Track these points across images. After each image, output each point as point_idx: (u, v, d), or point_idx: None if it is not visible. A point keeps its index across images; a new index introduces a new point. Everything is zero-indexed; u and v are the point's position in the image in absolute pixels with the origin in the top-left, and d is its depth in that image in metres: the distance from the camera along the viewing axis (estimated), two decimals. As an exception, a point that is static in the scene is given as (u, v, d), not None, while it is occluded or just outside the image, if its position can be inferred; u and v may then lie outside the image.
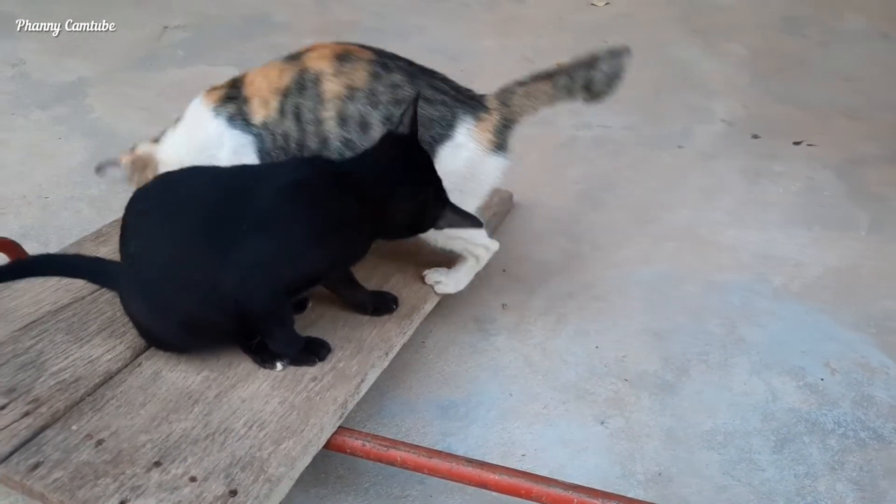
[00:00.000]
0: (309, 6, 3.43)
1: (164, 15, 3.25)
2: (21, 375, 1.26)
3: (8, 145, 2.41)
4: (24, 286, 1.50)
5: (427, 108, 1.38)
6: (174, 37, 3.12)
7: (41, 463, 1.10)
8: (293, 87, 1.36)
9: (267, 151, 1.39)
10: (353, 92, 1.34)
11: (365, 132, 1.34)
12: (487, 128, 1.44)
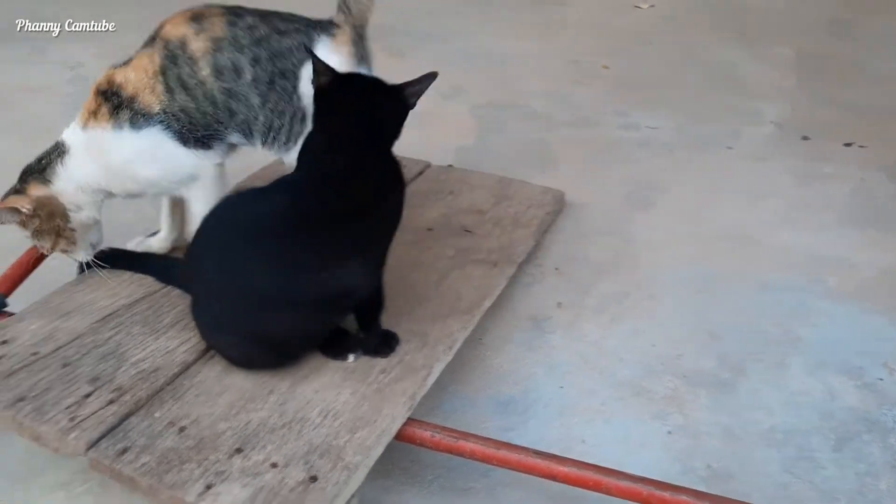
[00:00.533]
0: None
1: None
2: (103, 365, 1.31)
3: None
4: (98, 280, 1.56)
5: (285, 40, 1.45)
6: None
7: (129, 448, 1.14)
8: (167, 63, 1.40)
9: (178, 132, 1.42)
10: (217, 43, 1.40)
11: (240, 77, 1.41)
12: (344, 40, 1.51)
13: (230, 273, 1.23)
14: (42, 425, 1.18)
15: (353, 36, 1.54)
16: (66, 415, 1.20)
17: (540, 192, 2.02)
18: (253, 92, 1.41)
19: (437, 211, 1.90)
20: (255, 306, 1.23)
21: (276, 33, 1.43)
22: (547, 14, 3.48)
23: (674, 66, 2.99)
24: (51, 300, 1.48)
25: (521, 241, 1.79)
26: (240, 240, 1.25)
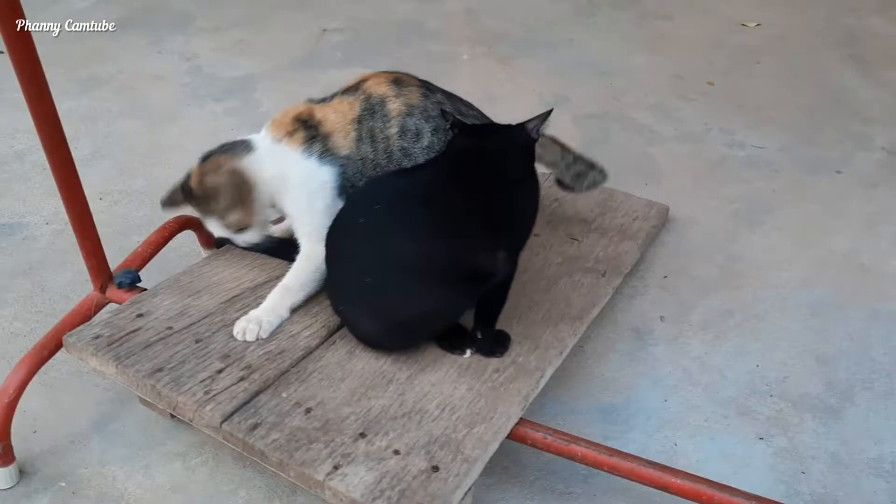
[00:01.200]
0: (460, 16, 3.53)
1: (324, 18, 3.41)
2: (232, 343, 1.37)
3: (186, 133, 2.60)
4: (222, 263, 1.63)
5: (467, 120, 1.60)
6: (333, 39, 3.27)
7: (259, 424, 1.20)
8: (365, 114, 1.53)
9: (348, 178, 1.53)
10: (411, 109, 1.53)
11: (418, 141, 1.54)
12: None
13: (376, 239, 1.31)
14: (180, 395, 1.25)
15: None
16: (202, 388, 1.26)
17: (645, 205, 2.02)
18: (424, 155, 1.53)
19: (543, 218, 1.91)
20: (398, 273, 1.28)
21: (458, 113, 1.57)
22: (652, 28, 3.47)
23: (781, 86, 2.94)
24: (181, 279, 1.56)
25: (627, 253, 1.79)
26: (387, 206, 1.33)
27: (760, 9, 3.62)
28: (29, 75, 1.26)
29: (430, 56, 3.13)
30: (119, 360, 1.31)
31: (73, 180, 1.40)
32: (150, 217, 2.16)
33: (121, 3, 3.58)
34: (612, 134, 2.64)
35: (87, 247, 1.50)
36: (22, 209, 2.24)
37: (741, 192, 2.32)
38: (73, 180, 1.40)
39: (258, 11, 3.51)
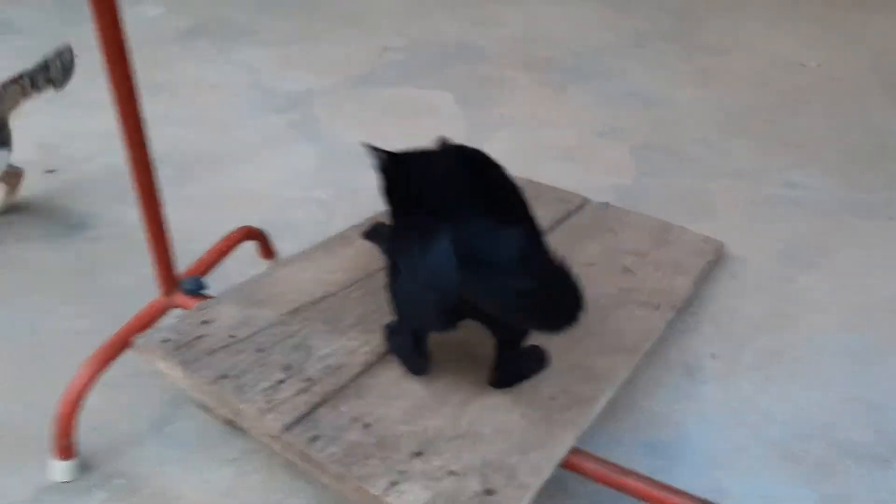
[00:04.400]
0: (514, 41, 3.57)
1: (383, 37, 3.48)
2: (294, 355, 1.41)
3: (245, 143, 2.66)
4: (284, 275, 1.68)
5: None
6: (391, 58, 3.33)
7: (319, 437, 1.23)
8: None
9: None
10: None
11: None
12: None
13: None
14: (242, 403, 1.28)
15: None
16: (263, 397, 1.30)
17: (701, 241, 2.03)
18: None
19: (597, 247, 1.94)
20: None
21: None
22: (703, 63, 3.48)
23: (837, 128, 2.93)
24: (243, 289, 1.61)
25: (682, 288, 1.80)
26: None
27: (812, 48, 3.62)
28: (120, 77, 1.31)
29: (483, 79, 3.17)
30: (186, 365, 1.36)
31: (151, 184, 1.45)
32: (205, 224, 2.22)
33: (190, 13, 3.68)
34: (663, 166, 2.65)
35: (158, 251, 1.55)
36: (88, 211, 2.32)
37: (793, 231, 2.32)
38: (151, 185, 1.45)
39: (317, 28, 3.59)
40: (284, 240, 2.11)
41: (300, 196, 2.38)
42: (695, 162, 2.68)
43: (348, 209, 2.29)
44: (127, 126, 1.39)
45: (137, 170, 1.43)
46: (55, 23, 3.72)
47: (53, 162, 2.57)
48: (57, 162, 2.57)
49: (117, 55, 1.30)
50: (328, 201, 2.36)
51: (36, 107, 2.89)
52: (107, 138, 2.68)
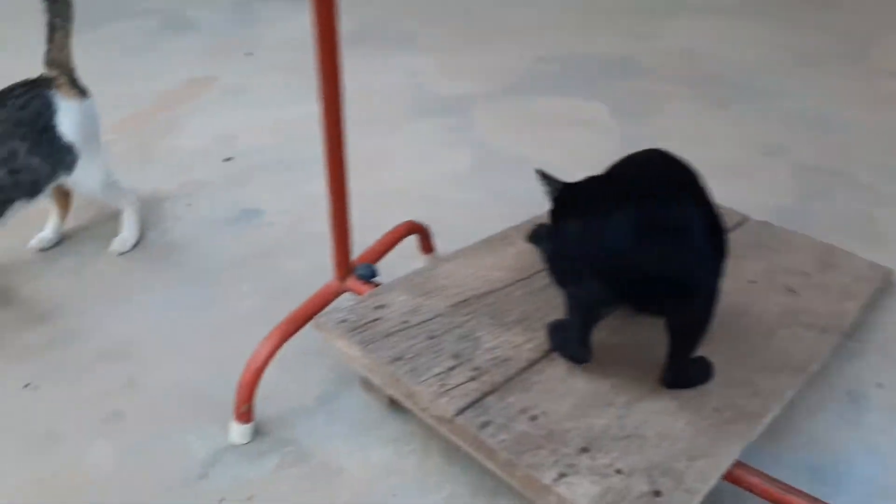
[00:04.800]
0: (676, 55, 3.53)
1: (536, 47, 3.53)
2: (462, 344, 1.47)
3: (407, 144, 2.77)
4: (449, 270, 1.74)
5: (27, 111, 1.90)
6: (545, 68, 3.37)
7: (489, 423, 1.29)
8: None
9: None
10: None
11: (17, 158, 1.88)
12: (64, 86, 1.97)
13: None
14: (416, 385, 1.36)
15: (69, 79, 1.99)
16: (437, 381, 1.37)
17: (868, 267, 1.96)
18: (30, 163, 1.91)
19: (758, 265, 1.90)
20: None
21: (15, 109, 1.88)
22: (880, 86, 3.33)
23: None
24: (413, 279, 1.69)
25: (849, 312, 1.75)
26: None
27: None
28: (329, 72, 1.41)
29: (640, 92, 3.16)
30: (363, 345, 1.44)
31: (342, 175, 1.55)
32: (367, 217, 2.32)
33: (352, 18, 3.85)
34: (829, 189, 2.56)
35: (339, 238, 1.66)
36: (262, 197, 2.48)
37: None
38: (342, 176, 1.55)
39: (475, 37, 3.69)
40: (439, 237, 2.18)
41: (455, 197, 2.46)
42: (863, 187, 2.58)
43: (501, 212, 2.34)
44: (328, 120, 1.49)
45: (332, 162, 1.54)
46: (230, 24, 3.99)
47: (230, 151, 2.76)
48: (233, 151, 2.76)
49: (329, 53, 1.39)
50: (482, 203, 2.43)
51: (213, 101, 3.13)
52: (275, 131, 2.88)
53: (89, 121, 2.05)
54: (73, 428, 1.70)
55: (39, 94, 1.94)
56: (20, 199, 1.92)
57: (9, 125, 1.87)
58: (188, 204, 2.46)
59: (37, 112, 1.92)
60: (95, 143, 2.08)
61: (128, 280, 2.14)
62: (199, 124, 2.95)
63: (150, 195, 2.49)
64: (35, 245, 2.25)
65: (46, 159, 1.95)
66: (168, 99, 3.15)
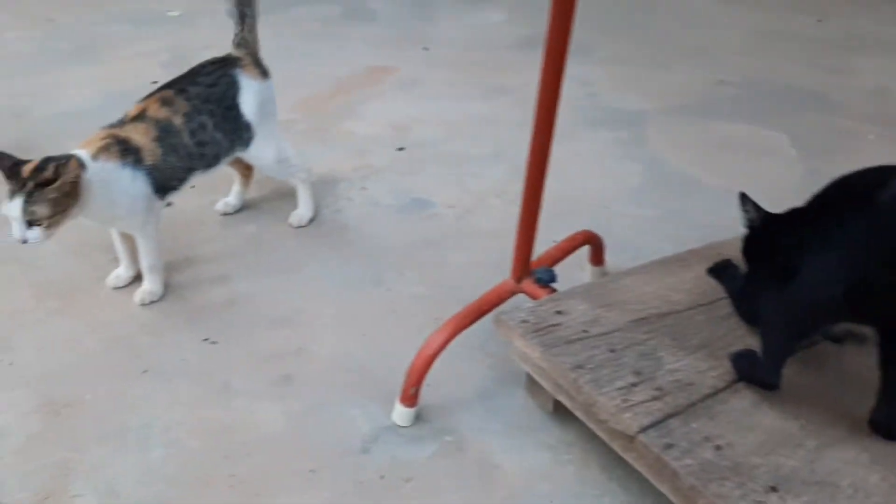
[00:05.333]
0: (870, 93, 3.34)
1: (721, 70, 3.43)
2: (643, 362, 1.45)
3: (576, 153, 2.75)
4: (627, 285, 1.72)
5: (216, 88, 2.01)
6: (726, 92, 3.27)
7: (673, 445, 1.26)
8: (161, 135, 1.91)
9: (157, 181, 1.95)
10: (188, 116, 1.96)
11: (205, 130, 2.00)
12: (249, 66, 2.08)
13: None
14: (599, 396, 1.35)
15: (253, 60, 2.11)
16: (619, 395, 1.35)
17: None
18: (214, 135, 2.01)
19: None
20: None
21: (205, 87, 2.00)
22: None
23: None
24: (591, 289, 1.68)
25: None
26: None
27: None
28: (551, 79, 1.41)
29: (828, 128, 3.02)
30: (545, 348, 1.45)
31: (541, 179, 1.56)
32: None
33: (528, 22, 3.88)
34: None
35: (523, 240, 1.66)
36: (432, 189, 2.53)
37: None
38: (541, 179, 1.56)
39: (654, 53, 3.62)
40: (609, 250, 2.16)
41: (624, 211, 2.43)
42: None
43: (671, 231, 2.30)
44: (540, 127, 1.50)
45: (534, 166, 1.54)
46: (408, 17, 4.09)
47: (403, 141, 2.83)
48: (405, 141, 2.82)
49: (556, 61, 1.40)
50: (652, 220, 2.38)
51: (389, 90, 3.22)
52: (447, 126, 2.92)
53: (268, 100, 2.14)
54: (247, 385, 1.79)
55: (227, 73, 2.05)
56: (200, 170, 2.03)
57: (199, 101, 1.98)
58: (362, 188, 2.54)
59: (224, 90, 2.03)
60: (272, 122, 2.17)
61: (301, 253, 2.23)
62: (374, 111, 3.04)
63: (325, 175, 2.58)
64: (220, 209, 2.38)
65: (228, 135, 2.05)
66: (347, 84, 3.26)
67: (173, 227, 2.27)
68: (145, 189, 1.88)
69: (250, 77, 2.07)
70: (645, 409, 1.33)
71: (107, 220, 1.85)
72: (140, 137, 1.87)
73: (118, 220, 1.88)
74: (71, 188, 1.72)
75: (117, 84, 3.18)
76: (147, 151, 1.87)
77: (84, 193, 1.76)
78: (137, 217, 1.90)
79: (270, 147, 2.16)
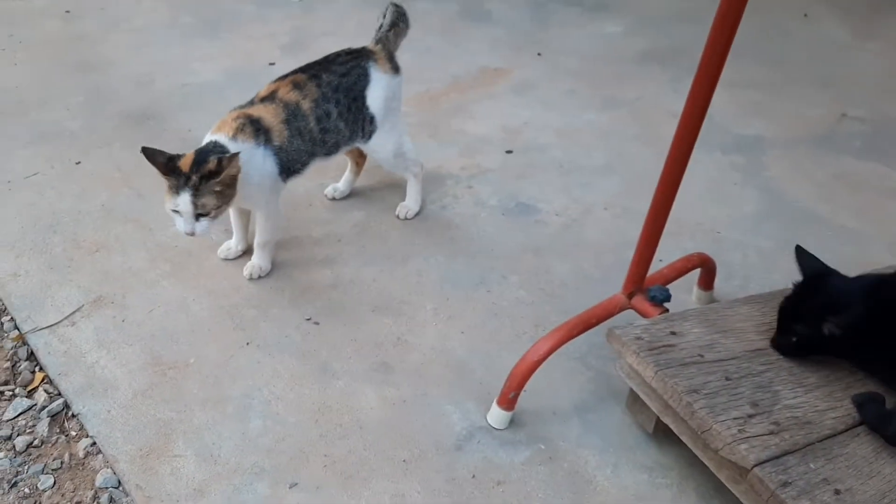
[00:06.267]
0: None
1: (845, 103, 3.29)
2: (760, 395, 1.40)
3: (693, 176, 2.66)
4: (744, 313, 1.66)
5: (347, 78, 2.04)
6: (852, 127, 3.14)
7: (790, 483, 1.21)
8: (289, 117, 1.96)
9: (282, 163, 1.98)
10: (315, 101, 2.00)
11: (329, 119, 2.04)
12: (382, 61, 2.11)
13: None
14: (715, 423, 1.30)
15: (387, 56, 2.13)
16: (735, 424, 1.31)
17: None
18: (338, 124, 2.04)
19: None
20: None
21: (339, 76, 2.04)
22: None
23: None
24: (707, 314, 1.63)
25: None
26: None
27: None
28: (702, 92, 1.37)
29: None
30: (659, 367, 1.41)
31: (671, 195, 1.52)
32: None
33: (646, 35, 3.81)
34: None
35: (642, 257, 1.62)
36: (538, 195, 2.51)
37: None
38: (671, 196, 1.52)
39: (779, 79, 3.51)
40: (717, 275, 2.09)
41: (739, 238, 2.36)
42: None
43: (784, 264, 2.21)
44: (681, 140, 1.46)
45: (666, 180, 1.51)
46: (525, 21, 4.07)
47: (512, 144, 2.81)
48: (515, 145, 2.81)
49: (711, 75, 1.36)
50: (766, 250, 2.31)
51: (502, 93, 3.21)
52: (557, 133, 2.89)
53: (395, 96, 2.16)
54: (346, 368, 1.81)
55: (360, 65, 2.07)
56: (321, 156, 2.05)
57: (329, 89, 2.01)
58: (468, 186, 2.54)
59: (354, 81, 2.05)
60: (395, 117, 2.19)
61: (406, 244, 2.24)
62: (486, 112, 3.04)
63: (433, 171, 2.59)
64: (329, 194, 2.41)
65: (350, 125, 2.07)
66: (461, 83, 3.27)
67: (283, 207, 2.31)
68: (274, 168, 1.92)
69: (382, 71, 2.09)
70: (762, 442, 1.28)
71: (238, 198, 1.90)
72: (270, 118, 1.91)
73: (247, 199, 1.92)
74: (232, 180, 1.77)
75: (237, 61, 3.27)
76: (275, 132, 1.91)
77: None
78: (264, 195, 1.94)
79: (391, 141, 2.18)
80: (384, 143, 2.16)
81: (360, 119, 2.08)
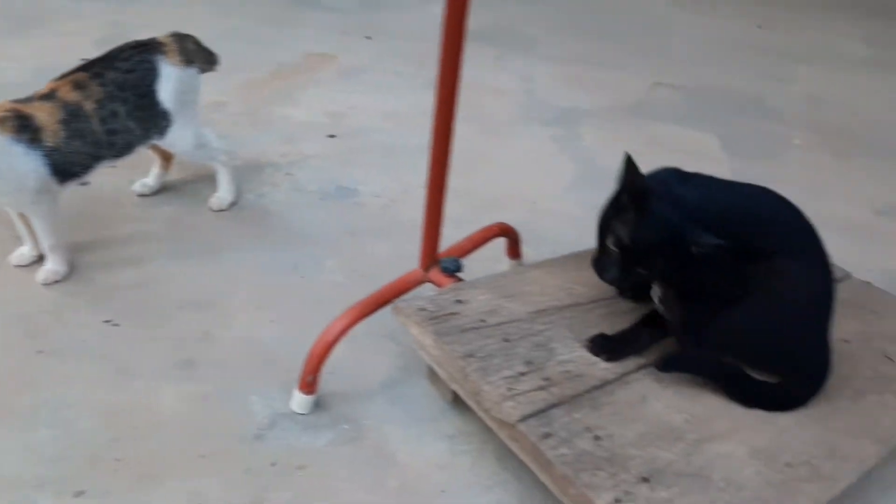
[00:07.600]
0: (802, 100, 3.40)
1: (663, 73, 3.45)
2: (536, 353, 1.45)
3: (508, 147, 2.75)
4: (532, 276, 1.72)
5: (133, 75, 1.96)
6: (663, 94, 3.30)
7: (551, 435, 1.26)
8: (68, 118, 1.85)
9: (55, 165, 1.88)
10: (100, 102, 1.90)
11: (117, 119, 1.94)
12: (172, 53, 2.03)
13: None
14: (484, 384, 1.34)
15: (180, 48, 2.06)
16: (505, 384, 1.35)
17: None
18: (127, 124, 1.96)
19: (854, 325, 1.80)
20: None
21: (124, 72, 1.94)
22: None
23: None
24: (497, 280, 1.67)
25: (949, 391, 1.64)
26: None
27: None
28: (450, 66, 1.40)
29: (760, 132, 3.06)
30: (438, 336, 1.44)
31: (443, 167, 1.55)
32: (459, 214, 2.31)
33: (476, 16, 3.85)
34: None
35: (430, 229, 1.65)
36: (359, 178, 2.51)
37: None
38: (444, 168, 1.55)
39: (597, 52, 3.64)
40: (529, 244, 2.15)
41: (551, 207, 2.43)
42: None
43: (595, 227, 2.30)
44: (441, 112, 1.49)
45: (437, 153, 1.54)
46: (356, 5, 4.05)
47: (336, 129, 2.80)
48: (339, 130, 2.80)
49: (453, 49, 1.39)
50: (578, 217, 2.38)
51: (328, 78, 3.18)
52: (384, 116, 2.90)
53: (190, 89, 2.10)
54: (146, 369, 1.75)
55: (146, 59, 1.99)
56: (110, 158, 1.97)
57: (114, 87, 1.93)
58: (287, 173, 2.51)
59: (141, 77, 1.98)
60: (191, 110, 2.12)
61: (219, 236, 2.20)
62: (311, 99, 3.01)
63: (252, 160, 2.54)
64: (137, 189, 2.33)
65: (142, 123, 2.00)
66: (285, 70, 3.23)
67: (88, 205, 2.22)
68: (38, 169, 1.82)
69: (171, 64, 2.02)
70: (529, 398, 1.32)
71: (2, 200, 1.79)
72: (44, 117, 1.82)
73: (6, 197, 1.82)
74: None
75: (48, 59, 3.10)
76: (48, 132, 1.82)
77: None
78: (25, 195, 1.84)
79: (188, 134, 2.11)
80: (182, 136, 2.10)
81: (153, 116, 2.01)
